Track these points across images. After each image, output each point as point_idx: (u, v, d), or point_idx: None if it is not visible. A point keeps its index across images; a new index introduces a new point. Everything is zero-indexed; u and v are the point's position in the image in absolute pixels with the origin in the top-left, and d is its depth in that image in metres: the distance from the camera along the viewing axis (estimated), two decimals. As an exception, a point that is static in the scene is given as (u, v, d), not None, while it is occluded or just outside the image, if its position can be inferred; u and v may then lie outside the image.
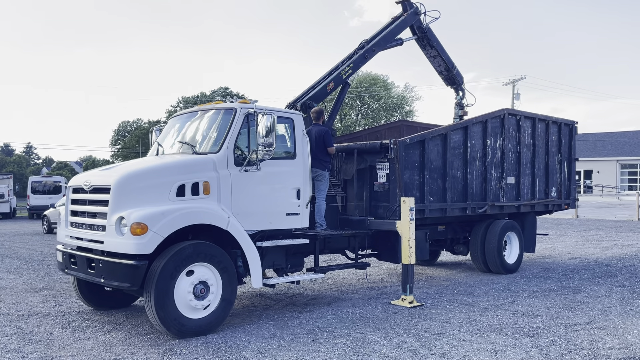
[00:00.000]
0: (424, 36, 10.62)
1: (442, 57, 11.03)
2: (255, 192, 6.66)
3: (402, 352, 5.34)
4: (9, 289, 8.88)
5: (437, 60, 11.13)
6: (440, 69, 11.31)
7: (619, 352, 5.25)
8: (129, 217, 5.65)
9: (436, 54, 10.97)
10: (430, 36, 10.66)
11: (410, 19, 10.24)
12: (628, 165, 45.69)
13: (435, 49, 10.88)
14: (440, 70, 11.33)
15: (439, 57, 11.03)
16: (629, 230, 18.59)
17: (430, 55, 11.05)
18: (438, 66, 11.28)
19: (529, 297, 7.93)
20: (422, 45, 10.91)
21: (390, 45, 10.06)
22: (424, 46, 10.91)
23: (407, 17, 10.19)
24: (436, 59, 11.09)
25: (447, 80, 11.54)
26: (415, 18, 10.32)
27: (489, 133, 9.70)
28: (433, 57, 11.10)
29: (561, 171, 11.51)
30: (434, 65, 11.33)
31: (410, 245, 7.47)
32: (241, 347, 5.56)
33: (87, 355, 5.35)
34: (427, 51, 10.99)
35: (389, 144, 8.21)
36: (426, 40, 10.71)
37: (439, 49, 10.90)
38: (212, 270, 6.04)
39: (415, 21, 10.36)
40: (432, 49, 10.88)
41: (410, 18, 10.23)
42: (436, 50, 10.90)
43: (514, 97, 44.82)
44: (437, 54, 10.98)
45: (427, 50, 10.97)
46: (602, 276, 9.62)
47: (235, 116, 6.69)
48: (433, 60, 11.17)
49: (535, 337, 5.78)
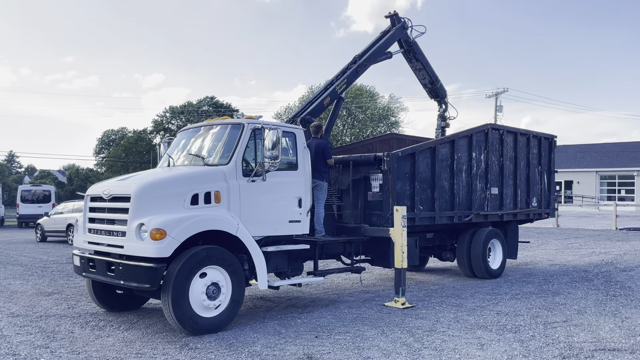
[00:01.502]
0: (411, 49, 11.32)
1: (426, 70, 11.74)
2: (261, 200, 7.21)
3: (398, 346, 5.92)
4: (20, 293, 9.28)
5: (422, 73, 11.83)
6: (424, 82, 12.01)
7: (591, 344, 5.88)
8: (149, 223, 6.17)
9: (421, 67, 11.68)
10: (416, 50, 11.37)
11: (398, 33, 10.94)
12: (607, 176, 47.04)
13: (421, 62, 11.59)
14: (425, 83, 12.03)
15: (424, 70, 11.74)
16: (606, 239, 19.42)
17: (416, 68, 11.75)
18: (423, 79, 11.97)
19: (512, 299, 8.56)
20: (409, 59, 11.61)
21: (380, 59, 10.76)
22: (410, 59, 11.61)
23: (396, 31, 10.90)
24: (421, 72, 11.79)
25: (431, 93, 12.24)
26: (402, 32, 11.03)
27: (474, 146, 10.37)
28: (418, 70, 11.80)
29: (541, 182, 12.23)
30: (419, 78, 12.02)
31: (402, 250, 8.07)
32: (251, 342, 6.09)
33: (110, 350, 5.84)
34: (413, 64, 11.69)
35: (382, 156, 8.83)
36: (412, 54, 11.42)
37: (424, 63, 11.62)
38: (223, 272, 6.57)
39: (403, 35, 11.07)
40: (418, 62, 11.59)
41: (398, 32, 10.94)
42: (421, 64, 11.62)
43: (497, 110, 46.00)
44: (422, 67, 11.69)
45: (413, 64, 11.67)
46: (579, 281, 10.30)
47: (243, 131, 7.25)
48: (418, 73, 11.87)
49: (517, 333, 6.40)
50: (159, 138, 57.42)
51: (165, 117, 57.09)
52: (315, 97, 9.74)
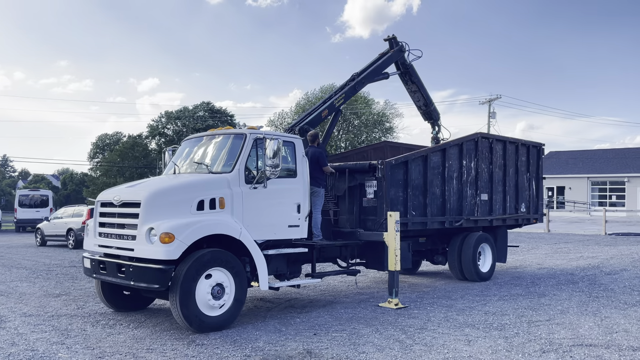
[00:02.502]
0: (407, 72, 11.85)
1: (421, 93, 12.25)
2: (262, 206, 7.64)
3: (391, 342, 6.35)
4: (29, 295, 9.66)
5: (417, 95, 12.34)
6: (419, 104, 12.51)
7: (570, 341, 6.34)
8: (158, 227, 6.59)
9: (416, 89, 12.19)
10: (412, 72, 11.90)
11: (395, 55, 11.46)
12: (598, 182, 47.75)
13: (416, 85, 12.10)
14: (420, 105, 12.53)
15: (419, 93, 12.25)
16: (595, 244, 19.94)
17: (411, 90, 12.26)
18: (417, 101, 12.47)
19: (500, 300, 9.02)
20: (405, 81, 12.12)
21: (377, 79, 11.27)
22: (406, 81, 12.12)
23: (393, 53, 11.41)
24: (416, 94, 12.30)
25: (425, 115, 12.74)
26: (400, 55, 11.56)
27: (464, 154, 10.84)
28: (413, 92, 12.31)
29: (530, 188, 12.72)
30: (414, 100, 12.52)
31: (396, 254, 8.51)
32: (254, 339, 6.51)
33: (122, 346, 6.24)
34: (408, 86, 12.21)
35: (377, 164, 9.28)
36: (408, 76, 11.94)
37: (419, 85, 12.14)
38: (227, 274, 6.99)
39: (400, 58, 11.60)
40: (413, 85, 12.11)
41: (395, 55, 11.46)
42: (417, 86, 12.13)
43: (490, 116, 46.63)
44: (417, 90, 12.20)
45: (408, 85, 12.19)
46: (565, 283, 10.77)
47: (245, 140, 7.69)
48: (413, 95, 12.37)
49: (503, 331, 6.85)
50: (154, 143, 57.69)
51: (161, 122, 57.33)
52: (314, 109, 10.23)
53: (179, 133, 56.07)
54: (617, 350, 5.94)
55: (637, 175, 44.99)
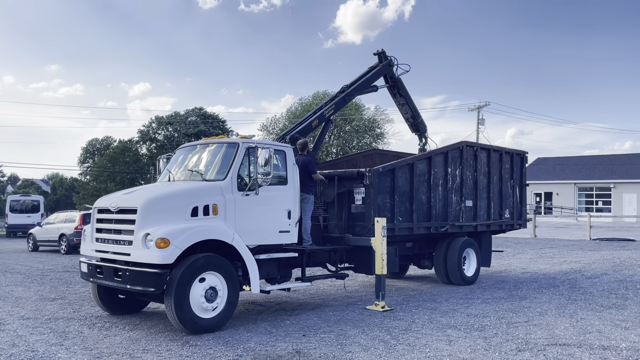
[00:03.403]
0: (395, 85, 12.23)
1: (409, 106, 12.63)
2: (254, 212, 7.95)
3: (377, 342, 6.67)
4: (25, 299, 9.88)
5: (404, 108, 12.72)
6: (407, 116, 12.89)
7: (546, 340, 6.70)
8: (154, 233, 6.88)
9: (404, 102, 12.57)
10: (400, 86, 12.29)
11: (384, 69, 11.86)
12: (585, 187, 48.47)
13: (404, 98, 12.49)
14: (407, 117, 12.91)
15: (407, 105, 12.63)
16: (579, 249, 20.40)
17: (399, 103, 12.64)
18: (405, 113, 12.85)
19: (482, 303, 9.37)
20: (393, 94, 12.50)
21: (366, 91, 11.67)
22: (394, 94, 12.50)
23: (382, 67, 11.81)
24: (404, 106, 12.68)
25: (412, 127, 13.12)
26: (388, 69, 11.95)
27: (449, 162, 11.22)
28: (401, 105, 12.69)
29: (514, 195, 13.13)
30: (402, 113, 12.90)
31: (382, 258, 8.84)
32: (245, 340, 6.80)
33: (119, 347, 6.51)
34: (397, 99, 12.59)
35: (365, 172, 9.62)
36: (397, 89, 12.32)
37: (407, 98, 12.52)
38: (220, 278, 7.28)
39: (389, 71, 11.99)
40: (401, 98, 12.49)
41: (384, 68, 11.85)
42: (404, 99, 12.51)
43: (479, 123, 47.25)
44: (405, 102, 12.58)
45: (397, 99, 12.57)
46: (546, 287, 11.15)
47: (238, 149, 8.00)
48: (401, 107, 12.75)
49: (483, 332, 7.19)
50: (145, 148, 57.74)
51: (152, 127, 57.40)
52: (305, 119, 10.59)
53: (170, 138, 56.22)
54: (589, 349, 6.30)
55: (622, 181, 45.76)
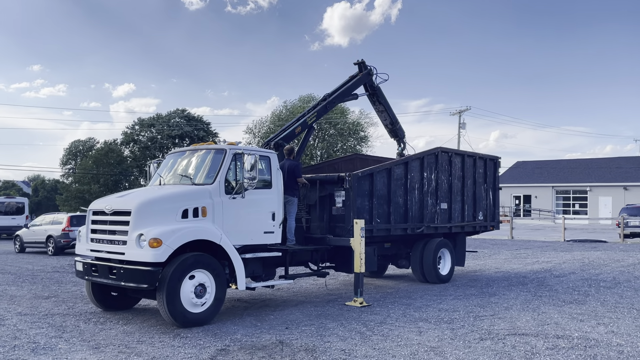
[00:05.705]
0: (375, 93, 12.87)
1: (388, 113, 13.28)
2: (241, 214, 8.50)
3: (353, 333, 7.27)
4: (19, 297, 10.30)
5: (384, 115, 13.37)
6: (386, 123, 13.55)
7: (507, 331, 7.36)
8: (148, 234, 7.40)
9: (383, 109, 13.22)
10: (379, 94, 12.93)
11: (364, 78, 12.50)
12: (562, 191, 49.73)
13: (383, 105, 13.13)
14: (386, 123, 13.56)
15: (386, 112, 13.28)
16: (552, 250, 21.26)
17: (379, 110, 13.29)
18: (384, 120, 13.50)
19: (454, 299, 10.03)
20: (372, 101, 13.14)
21: (347, 99, 12.30)
22: (374, 102, 13.14)
23: (362, 76, 12.44)
24: (383, 113, 13.33)
25: (391, 133, 13.77)
26: (368, 78, 12.59)
27: (425, 167, 11.88)
28: (380, 112, 13.33)
29: (487, 198, 13.84)
30: (381, 119, 13.54)
31: (361, 257, 9.45)
32: (232, 332, 7.35)
33: (114, 339, 7.02)
34: (376, 106, 13.24)
35: (345, 176, 10.23)
36: (376, 97, 12.97)
37: (386, 106, 13.17)
38: (208, 275, 7.82)
39: (368, 80, 12.63)
40: (381, 105, 13.13)
41: (364, 77, 12.49)
42: (384, 107, 13.16)
43: (460, 127, 48.25)
44: (384, 110, 13.23)
45: (376, 106, 13.22)
46: (516, 285, 11.86)
47: (225, 155, 8.56)
48: (381, 114, 13.40)
49: (451, 324, 7.83)
50: (128, 150, 57.76)
51: (135, 129, 57.46)
52: (288, 125, 11.17)
53: (153, 140, 56.36)
54: (544, 338, 6.97)
55: (598, 184, 47.07)
